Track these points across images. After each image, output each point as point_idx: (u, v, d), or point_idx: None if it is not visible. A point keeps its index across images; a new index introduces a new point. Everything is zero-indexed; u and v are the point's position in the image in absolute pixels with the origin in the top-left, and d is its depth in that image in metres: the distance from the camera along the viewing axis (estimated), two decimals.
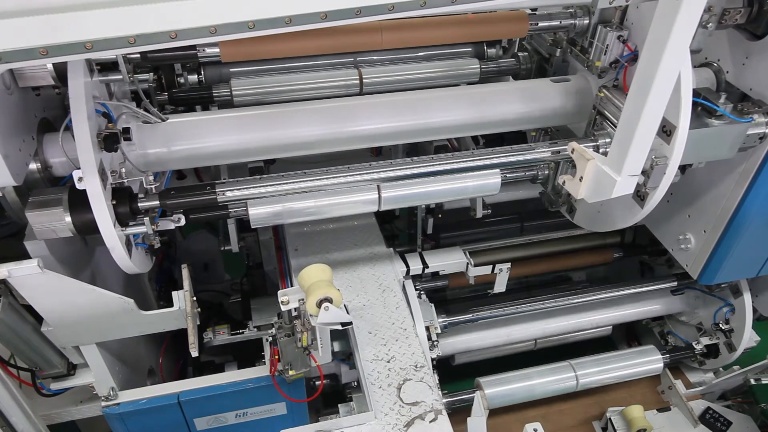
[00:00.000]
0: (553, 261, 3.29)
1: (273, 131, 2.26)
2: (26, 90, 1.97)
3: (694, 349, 3.28)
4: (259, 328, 2.90)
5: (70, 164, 2.04)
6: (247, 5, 1.52)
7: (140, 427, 2.64)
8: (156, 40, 1.48)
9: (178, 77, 2.45)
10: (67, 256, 2.26)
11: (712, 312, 3.25)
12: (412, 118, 2.40)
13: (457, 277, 3.06)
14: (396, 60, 2.61)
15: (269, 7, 1.54)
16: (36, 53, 1.41)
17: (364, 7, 1.62)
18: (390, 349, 2.46)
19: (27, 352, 2.22)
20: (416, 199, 2.46)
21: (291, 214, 2.32)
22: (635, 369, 3.16)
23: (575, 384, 3.04)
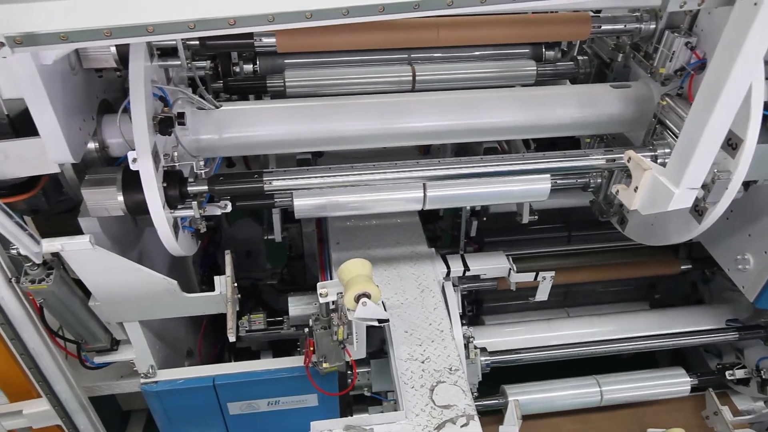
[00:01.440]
0: (600, 271, 3.18)
1: (323, 124, 2.27)
2: (89, 71, 2.03)
3: (726, 378, 3.17)
4: (296, 327, 2.92)
5: (125, 145, 2.09)
6: None
7: (176, 406, 2.70)
8: (215, 25, 1.51)
9: (234, 66, 2.49)
10: (118, 235, 2.33)
11: (757, 356, 3.14)
12: (463, 118, 2.36)
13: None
14: (450, 58, 2.57)
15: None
16: (100, 34, 1.46)
17: (422, 2, 1.60)
18: (425, 349, 2.43)
19: (74, 324, 2.29)
20: (462, 200, 2.43)
21: (335, 207, 2.33)
22: (661, 390, 3.11)
23: (599, 399, 3.03)
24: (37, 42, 1.44)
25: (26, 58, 1.58)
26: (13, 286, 2.04)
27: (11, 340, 2.15)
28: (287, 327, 2.93)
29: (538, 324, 3.17)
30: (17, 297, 2.07)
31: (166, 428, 2.82)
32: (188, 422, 2.82)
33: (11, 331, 2.12)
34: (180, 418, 2.78)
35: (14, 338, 2.15)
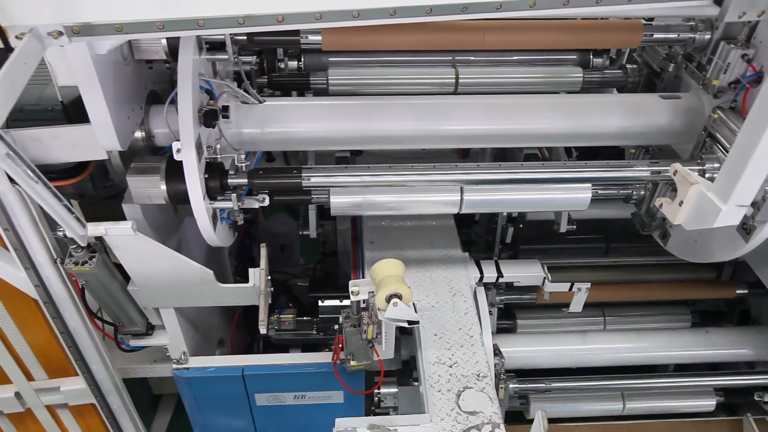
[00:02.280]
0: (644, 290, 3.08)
1: (364, 122, 2.27)
2: (140, 62, 2.08)
3: (755, 399, 3.04)
4: (324, 332, 2.94)
5: (171, 135, 2.14)
6: None
7: (205, 393, 2.75)
8: (264, 22, 1.53)
9: (279, 62, 2.52)
10: (158, 223, 2.39)
11: None
12: (505, 123, 2.33)
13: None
14: (495, 62, 2.54)
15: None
16: (153, 26, 1.50)
17: (471, 4, 1.59)
18: (454, 354, 2.41)
19: (113, 307, 2.36)
20: (499, 205, 2.40)
21: (371, 206, 2.33)
22: (685, 402, 3.05)
23: (621, 407, 3.00)
24: (93, 32, 1.49)
25: (82, 48, 1.63)
26: (58, 267, 2.11)
27: (53, 319, 2.23)
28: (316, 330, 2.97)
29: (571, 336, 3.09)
30: (61, 277, 2.15)
31: (194, 414, 2.88)
32: (216, 410, 2.87)
33: (54, 309, 2.20)
34: (208, 405, 2.83)
35: (56, 317, 2.22)
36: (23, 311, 2.25)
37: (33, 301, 2.18)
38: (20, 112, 1.94)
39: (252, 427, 2.97)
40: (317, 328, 2.99)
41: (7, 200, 1.88)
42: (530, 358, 3.06)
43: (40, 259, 2.06)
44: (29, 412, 2.58)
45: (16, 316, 2.25)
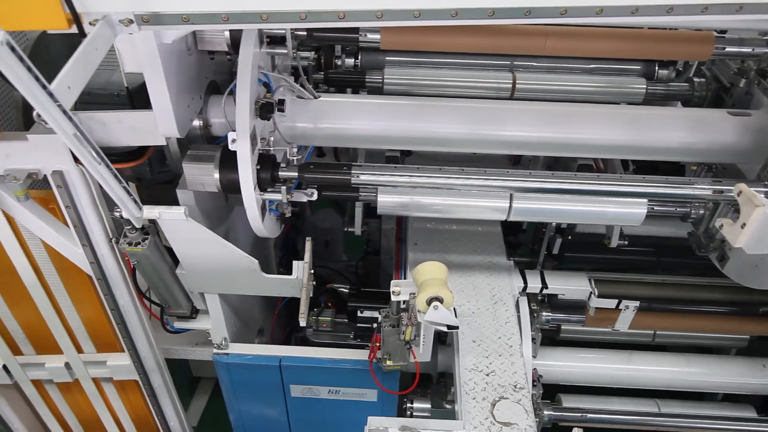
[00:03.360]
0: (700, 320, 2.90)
1: (416, 123, 2.26)
2: (203, 53, 2.14)
3: None
4: (361, 339, 2.95)
5: (227, 126, 2.19)
6: None
7: (242, 379, 2.80)
8: (325, 18, 1.54)
9: (336, 59, 2.54)
10: (209, 210, 2.44)
11: None
12: (560, 131, 2.27)
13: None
14: (554, 68, 2.48)
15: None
16: (218, 18, 1.53)
17: (535, 8, 1.56)
18: (491, 362, 2.37)
19: (161, 289, 2.43)
20: (549, 215, 2.34)
21: (418, 207, 2.32)
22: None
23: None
24: (161, 21, 1.53)
25: (149, 36, 1.69)
26: (113, 246, 2.19)
27: (105, 296, 2.32)
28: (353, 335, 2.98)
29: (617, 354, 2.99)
30: (115, 256, 2.22)
31: (231, 399, 2.94)
32: (252, 396, 2.92)
33: (106, 286, 2.28)
34: (245, 392, 2.88)
35: (107, 294, 2.31)
36: (78, 286, 2.34)
37: (87, 277, 2.26)
38: (88, 95, 2.03)
39: (285, 417, 3.00)
40: (354, 335, 3.00)
41: (70, 179, 1.96)
42: (569, 374, 2.98)
43: (97, 238, 2.14)
44: (76, 383, 2.68)
45: (71, 291, 2.35)
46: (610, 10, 1.56)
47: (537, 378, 2.76)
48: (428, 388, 2.88)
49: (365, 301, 3.00)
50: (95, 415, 2.86)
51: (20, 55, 1.17)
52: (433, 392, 2.83)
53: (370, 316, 2.97)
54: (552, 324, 2.90)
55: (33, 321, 2.43)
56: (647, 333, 3.10)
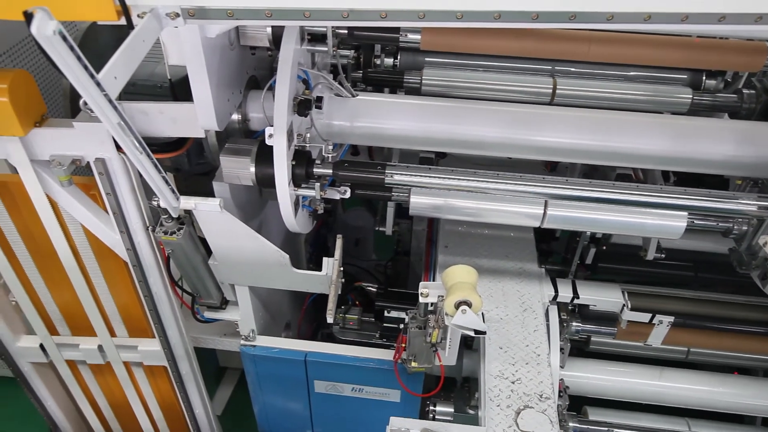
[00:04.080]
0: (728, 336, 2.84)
1: (453, 125, 2.24)
2: (244, 48, 2.16)
3: None
4: (387, 339, 2.95)
5: (265, 121, 2.21)
6: None
7: (268, 372, 2.83)
8: (367, 17, 1.54)
9: (375, 58, 2.54)
10: (243, 203, 2.47)
11: None
12: (601, 139, 2.22)
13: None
14: (597, 75, 2.43)
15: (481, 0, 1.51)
16: (262, 14, 1.54)
17: (580, 13, 1.52)
18: (518, 370, 2.35)
19: (193, 278, 2.47)
20: (584, 224, 2.29)
21: (450, 210, 2.30)
22: None
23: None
24: (206, 16, 1.56)
25: (194, 30, 1.71)
26: (149, 234, 2.24)
27: (139, 282, 2.37)
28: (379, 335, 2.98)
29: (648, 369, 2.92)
30: (150, 244, 2.27)
31: (255, 391, 2.97)
32: (276, 389, 2.95)
33: (140, 273, 2.33)
34: (270, 384, 2.91)
35: (142, 280, 2.36)
36: (114, 272, 2.40)
37: (123, 263, 2.32)
38: (132, 86, 2.08)
39: (308, 411, 3.03)
40: (381, 334, 3.00)
41: (112, 167, 2.01)
42: (597, 387, 2.92)
43: (134, 225, 2.19)
44: (108, 366, 2.75)
45: (107, 276, 2.41)
46: (658, 17, 1.52)
47: (564, 389, 2.71)
48: (452, 392, 2.86)
49: (393, 301, 2.99)
50: (124, 398, 2.93)
51: (71, 45, 1.20)
52: (456, 396, 2.81)
53: (396, 316, 2.97)
54: (582, 335, 2.85)
55: (70, 303, 2.51)
56: (681, 349, 3.01)
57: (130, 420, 3.06)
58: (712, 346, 2.85)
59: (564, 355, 2.71)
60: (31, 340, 2.66)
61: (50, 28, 1.13)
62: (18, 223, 2.24)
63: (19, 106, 1.80)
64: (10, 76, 1.77)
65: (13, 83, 1.77)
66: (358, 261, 3.88)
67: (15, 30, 2.53)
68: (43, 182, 2.04)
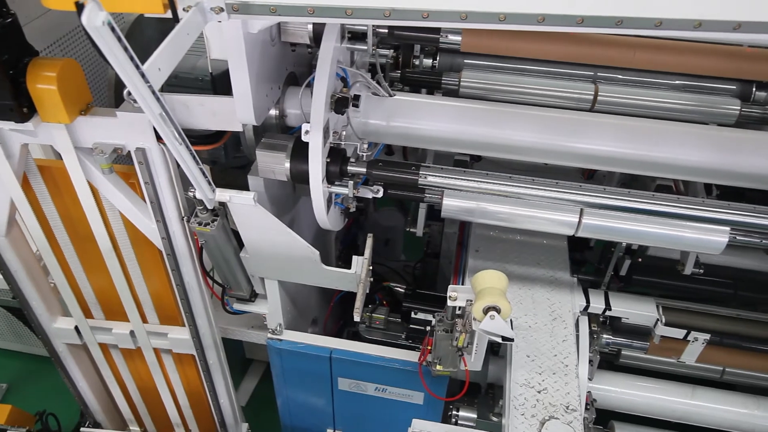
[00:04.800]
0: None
1: (490, 128, 2.22)
2: (285, 45, 2.18)
3: None
4: (413, 340, 2.94)
5: (302, 117, 2.23)
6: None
7: (293, 366, 2.85)
8: (409, 16, 1.53)
9: (414, 59, 2.53)
10: (276, 198, 2.50)
11: None
12: (642, 148, 2.17)
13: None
14: (640, 82, 2.37)
15: (525, 2, 1.49)
16: (304, 11, 1.55)
17: (627, 18, 1.49)
18: (545, 379, 2.31)
19: (224, 270, 2.50)
20: (620, 234, 2.24)
21: (483, 214, 2.28)
22: None
23: None
24: (249, 11, 1.57)
25: (237, 25, 1.74)
26: (184, 225, 2.28)
27: (172, 271, 2.41)
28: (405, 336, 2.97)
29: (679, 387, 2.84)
30: (185, 234, 2.31)
31: (280, 384, 3.00)
32: (301, 384, 2.97)
33: (174, 262, 2.37)
34: (294, 379, 2.93)
35: (175, 269, 2.40)
36: (148, 259, 2.45)
37: (158, 251, 2.36)
38: (175, 78, 2.12)
39: (330, 408, 3.04)
40: (407, 335, 3.00)
41: (151, 156, 2.05)
42: (626, 402, 2.85)
43: (170, 215, 2.23)
44: (138, 351, 2.81)
45: (142, 263, 2.46)
46: (710, 24, 1.47)
47: (591, 401, 2.66)
48: (475, 397, 2.84)
49: (420, 303, 2.99)
50: (152, 383, 2.98)
51: (119, 36, 1.23)
52: (480, 403, 2.79)
53: (423, 318, 2.95)
54: (612, 348, 2.78)
55: (105, 288, 2.57)
56: (716, 368, 2.92)
57: (156, 404, 3.13)
58: (750, 367, 2.75)
59: (593, 367, 2.66)
60: (67, 322, 2.74)
61: (100, 19, 1.16)
62: (60, 207, 2.31)
63: (66, 95, 1.85)
64: (60, 64, 1.82)
65: (62, 72, 1.82)
66: (387, 261, 3.88)
67: (65, 20, 2.62)
68: (85, 169, 2.09)
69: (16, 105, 1.81)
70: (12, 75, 1.77)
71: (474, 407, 2.72)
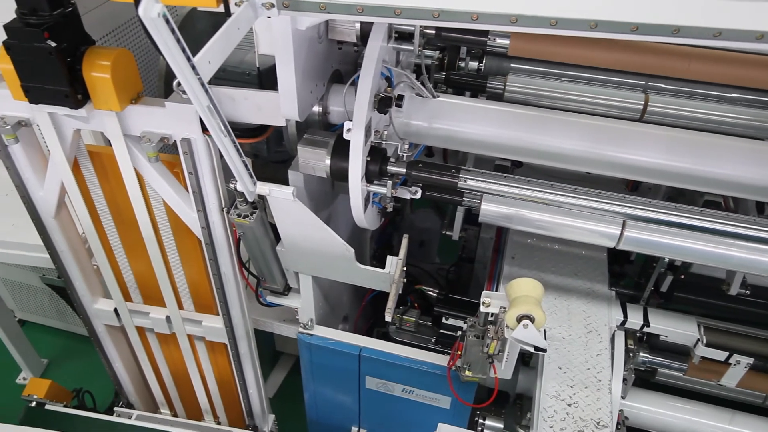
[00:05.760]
0: None
1: (534, 134, 2.18)
2: (332, 42, 2.19)
3: None
4: (443, 345, 2.92)
5: (345, 115, 2.24)
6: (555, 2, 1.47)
7: (322, 362, 2.87)
8: (458, 18, 1.52)
9: (460, 61, 2.51)
10: (315, 194, 2.51)
11: None
12: (691, 162, 2.09)
13: None
14: (693, 94, 2.29)
15: (578, 7, 1.46)
16: (354, 9, 1.56)
17: (685, 27, 1.44)
18: (576, 393, 2.26)
19: (260, 262, 2.53)
20: (664, 249, 2.17)
21: (522, 221, 2.25)
22: None
23: None
24: (299, 8, 1.58)
25: (286, 21, 1.75)
26: (223, 215, 2.31)
27: (209, 260, 2.45)
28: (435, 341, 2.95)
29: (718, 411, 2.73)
30: (224, 225, 2.35)
31: (308, 378, 3.02)
32: (328, 380, 2.98)
33: (212, 252, 2.41)
34: (322, 374, 2.95)
35: (212, 259, 2.44)
36: (187, 248, 2.50)
37: (197, 240, 2.41)
38: (223, 71, 2.15)
39: (357, 406, 3.05)
40: (436, 340, 2.98)
41: (196, 147, 2.09)
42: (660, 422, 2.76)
43: (211, 205, 2.27)
44: (173, 336, 2.87)
45: (181, 251, 2.51)
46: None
47: (622, 420, 2.59)
48: (503, 407, 2.80)
49: (452, 309, 2.96)
50: (184, 369, 3.05)
51: (173, 28, 1.25)
52: (507, 413, 2.75)
53: (454, 324, 2.93)
54: (649, 366, 2.71)
55: (145, 273, 2.63)
56: (758, 394, 2.80)
57: (187, 390, 3.19)
58: None
59: (627, 385, 2.59)
60: (107, 304, 2.82)
61: (155, 11, 1.18)
62: (107, 192, 2.38)
63: (119, 83, 1.91)
64: (114, 54, 1.88)
65: (116, 61, 1.87)
66: (421, 263, 3.86)
67: (122, 11, 2.69)
68: (132, 156, 2.15)
69: (72, 91, 1.87)
70: (69, 62, 1.83)
71: (501, 417, 2.68)
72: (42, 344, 4.48)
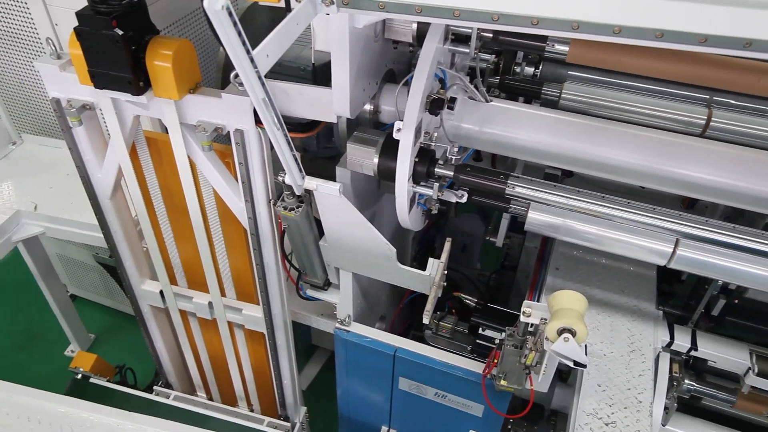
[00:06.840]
0: None
1: (588, 145, 2.12)
2: (387, 41, 2.19)
3: None
4: (478, 354, 2.88)
5: (395, 114, 2.23)
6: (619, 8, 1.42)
7: (357, 358, 2.88)
8: (517, 22, 1.49)
9: (516, 66, 2.48)
10: (361, 191, 2.52)
11: None
12: (754, 182, 1.99)
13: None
14: (761, 111, 2.19)
15: (643, 16, 1.41)
16: (412, 9, 1.55)
17: (758, 41, 1.37)
18: (614, 412, 2.20)
19: (302, 255, 2.56)
20: (718, 272, 2.08)
21: (569, 232, 2.19)
22: None
23: None
24: (358, 6, 1.59)
25: (344, 19, 1.77)
26: (270, 207, 2.35)
27: (253, 250, 2.50)
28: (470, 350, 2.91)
29: None
30: (270, 217, 2.39)
31: (341, 374, 3.04)
32: (362, 377, 2.99)
33: (256, 242, 2.46)
34: (356, 371, 2.96)
35: (256, 249, 2.49)
36: (233, 237, 2.55)
37: (243, 230, 2.46)
38: (279, 66, 2.17)
39: (388, 406, 3.04)
40: (472, 349, 2.94)
41: (248, 138, 2.13)
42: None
43: (259, 197, 2.31)
44: (214, 322, 2.94)
45: (227, 239, 2.56)
46: None
47: None
48: (536, 422, 2.75)
49: (490, 320, 2.91)
50: (222, 354, 3.11)
51: (235, 20, 1.28)
52: (540, 428, 2.69)
53: (491, 335, 2.88)
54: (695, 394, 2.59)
55: (191, 258, 2.71)
56: None
57: (224, 376, 3.26)
58: None
59: (669, 414, 2.49)
60: (154, 286, 2.91)
61: (219, 4, 1.21)
62: (160, 178, 2.45)
63: (179, 73, 1.96)
64: (176, 44, 1.93)
65: (178, 51, 1.93)
66: (462, 267, 3.83)
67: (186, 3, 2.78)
68: (187, 144, 2.21)
69: (134, 78, 1.94)
70: (134, 50, 1.90)
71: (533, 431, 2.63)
72: (91, 320, 4.66)
